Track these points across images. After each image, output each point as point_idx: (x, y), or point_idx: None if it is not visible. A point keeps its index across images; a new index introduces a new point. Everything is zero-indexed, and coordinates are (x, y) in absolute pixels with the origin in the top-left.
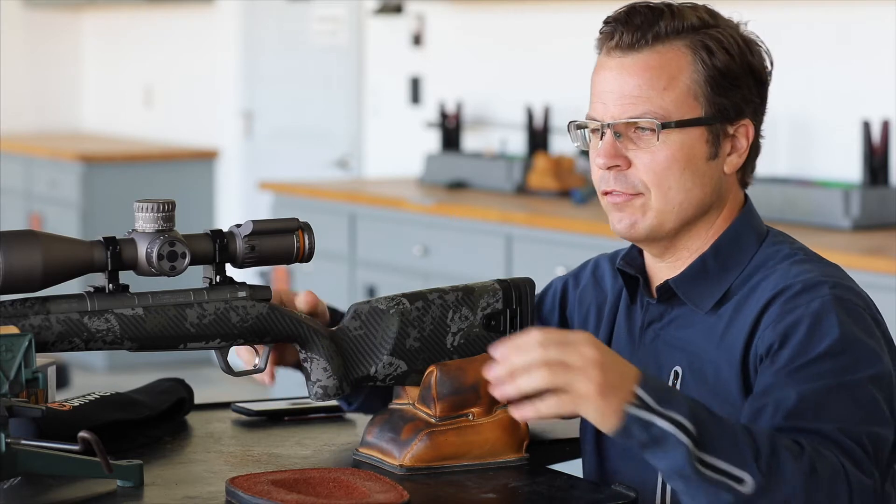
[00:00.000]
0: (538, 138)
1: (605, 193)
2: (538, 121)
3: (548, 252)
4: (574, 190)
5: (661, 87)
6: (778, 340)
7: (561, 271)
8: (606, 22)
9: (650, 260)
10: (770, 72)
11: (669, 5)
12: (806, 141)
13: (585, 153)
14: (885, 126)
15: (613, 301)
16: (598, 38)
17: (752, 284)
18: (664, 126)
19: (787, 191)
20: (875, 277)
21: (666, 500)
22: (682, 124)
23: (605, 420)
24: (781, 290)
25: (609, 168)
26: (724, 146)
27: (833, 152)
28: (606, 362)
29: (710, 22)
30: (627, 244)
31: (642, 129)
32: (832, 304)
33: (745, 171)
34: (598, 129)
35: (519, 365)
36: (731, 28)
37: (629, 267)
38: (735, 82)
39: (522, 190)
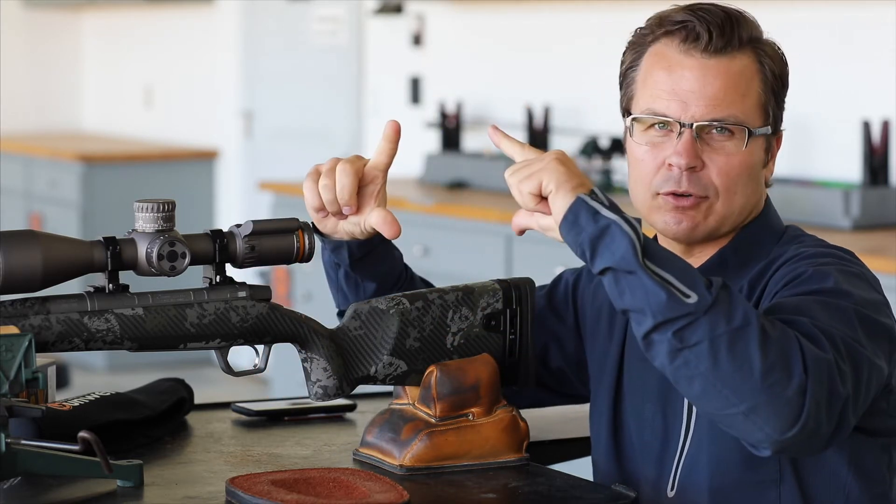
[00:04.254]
0: (538, 138)
1: (669, 194)
2: (538, 121)
3: (548, 252)
4: None
5: (741, 93)
6: (780, 287)
7: (560, 271)
8: (679, 20)
9: None
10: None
11: (739, 11)
12: (806, 141)
13: (587, 154)
14: (885, 126)
15: None
16: (665, 31)
17: (767, 277)
18: (750, 133)
19: (787, 191)
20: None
21: (676, 500)
22: (762, 133)
23: (561, 193)
24: (788, 259)
25: (688, 168)
26: (769, 155)
27: (833, 152)
28: (567, 161)
29: (761, 30)
30: None
31: (720, 134)
32: (835, 264)
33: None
34: (669, 128)
35: (514, 193)
36: (771, 38)
37: None
38: (783, 93)
39: None
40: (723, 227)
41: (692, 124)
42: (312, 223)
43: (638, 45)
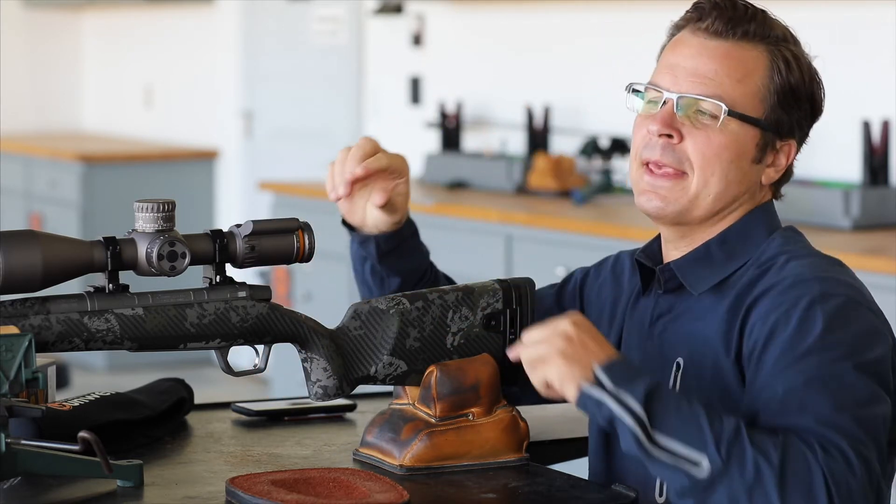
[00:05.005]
0: (538, 138)
1: (647, 164)
2: (538, 121)
3: (548, 252)
4: (574, 190)
5: (735, 77)
6: (765, 336)
7: (561, 271)
8: (697, 3)
9: (667, 249)
10: (821, 112)
11: (764, 11)
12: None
13: (586, 154)
14: (885, 126)
15: (628, 297)
16: (687, 15)
17: (752, 279)
18: (730, 113)
19: (787, 191)
20: (875, 277)
21: (669, 499)
22: (745, 118)
23: (567, 389)
24: (772, 286)
25: (661, 136)
26: (768, 156)
27: (833, 152)
28: (574, 335)
29: (792, 40)
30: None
31: (704, 111)
32: (819, 300)
33: (777, 189)
34: (657, 99)
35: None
36: (807, 55)
37: (648, 259)
38: (797, 103)
39: (522, 190)
40: (695, 210)
41: (679, 97)
42: (343, 219)
43: (671, 31)
